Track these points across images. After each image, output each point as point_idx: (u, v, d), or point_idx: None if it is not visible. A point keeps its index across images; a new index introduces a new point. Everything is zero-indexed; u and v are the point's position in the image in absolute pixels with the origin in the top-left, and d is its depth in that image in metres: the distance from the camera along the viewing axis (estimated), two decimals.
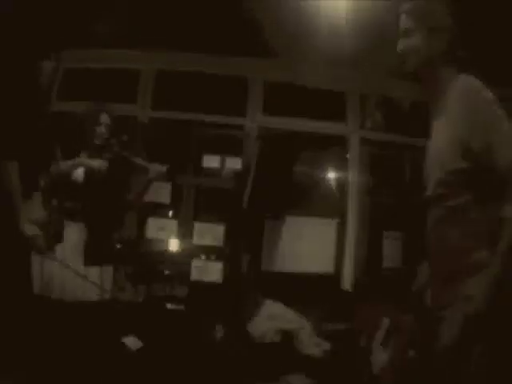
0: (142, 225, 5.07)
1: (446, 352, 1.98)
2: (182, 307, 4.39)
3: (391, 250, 5.17)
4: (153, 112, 5.82)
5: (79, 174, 3.87)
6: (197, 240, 5.00)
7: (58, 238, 3.71)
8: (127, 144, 4.20)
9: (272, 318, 4.32)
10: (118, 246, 4.42)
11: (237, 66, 5.78)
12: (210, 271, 4.76)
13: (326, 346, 4.40)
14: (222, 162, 5.47)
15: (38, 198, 3.63)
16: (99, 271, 3.87)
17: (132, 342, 3.73)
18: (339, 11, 4.32)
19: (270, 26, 4.88)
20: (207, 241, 4.96)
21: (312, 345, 4.35)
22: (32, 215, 3.50)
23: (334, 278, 5.21)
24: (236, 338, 4.12)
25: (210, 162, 5.50)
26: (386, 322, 3.59)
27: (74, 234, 3.86)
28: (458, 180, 2.03)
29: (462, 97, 2.05)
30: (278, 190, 5.08)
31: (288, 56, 5.40)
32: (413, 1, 2.24)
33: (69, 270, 3.65)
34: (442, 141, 2.11)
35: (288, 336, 4.29)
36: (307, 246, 5.25)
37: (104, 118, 4.09)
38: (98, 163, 3.91)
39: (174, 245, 5.01)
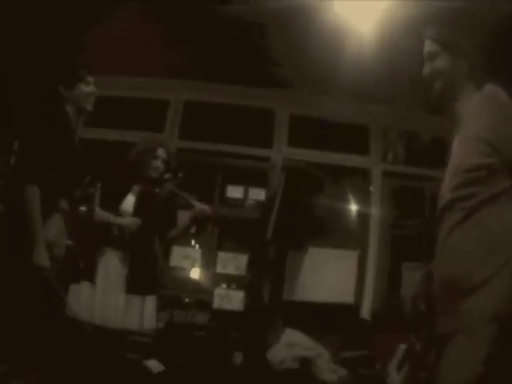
0: (166, 252, 5.08)
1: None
2: (202, 334, 4.43)
3: (410, 280, 5.17)
4: (180, 141, 5.94)
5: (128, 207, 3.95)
6: (220, 269, 5.09)
7: (89, 265, 3.76)
8: (182, 180, 4.24)
9: (291, 345, 4.33)
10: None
11: (263, 98, 5.91)
12: (232, 299, 4.82)
13: (343, 372, 4.40)
14: (246, 193, 5.58)
15: (58, 220, 3.66)
16: (141, 300, 3.89)
17: (154, 365, 3.77)
18: (363, 45, 4.38)
19: (295, 59, 4.99)
20: (230, 270, 5.04)
21: (329, 371, 4.35)
22: (51, 237, 3.52)
23: (354, 308, 5.24)
24: (255, 365, 4.14)
25: (234, 192, 5.62)
26: (402, 347, 3.60)
27: (115, 263, 3.88)
28: (480, 177, 2.04)
29: (489, 105, 2.11)
30: (302, 221, 5.11)
31: (313, 89, 5.51)
32: (437, 26, 2.32)
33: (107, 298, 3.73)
34: (464, 147, 2.14)
35: (306, 363, 4.31)
36: (328, 276, 5.28)
37: (161, 152, 4.11)
38: (131, 222, 3.91)
39: (196, 273, 5.07)
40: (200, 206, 4.09)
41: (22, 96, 4.82)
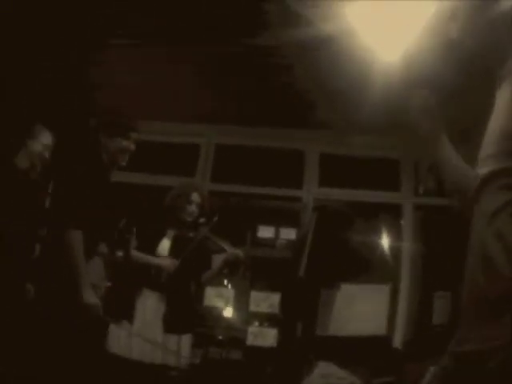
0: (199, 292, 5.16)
1: None
2: (237, 370, 4.45)
3: (441, 309, 5.12)
4: (211, 184, 6.02)
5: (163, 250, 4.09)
6: (253, 307, 5.14)
7: (126, 305, 3.87)
8: (216, 224, 4.32)
9: (324, 376, 4.32)
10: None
11: (293, 139, 5.97)
12: (265, 336, 4.85)
13: None
14: (277, 233, 5.65)
15: (98, 263, 3.66)
16: (178, 338, 4.00)
17: None
18: (391, 76, 4.41)
19: (322, 98, 5.06)
20: (263, 308, 5.08)
21: None
22: (93, 280, 3.59)
23: (386, 339, 5.19)
24: None
25: (266, 232, 5.69)
26: (430, 370, 3.54)
27: (152, 303, 4.00)
28: None
29: None
30: (334, 259, 5.12)
31: (341, 127, 5.52)
32: None
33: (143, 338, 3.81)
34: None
35: None
36: (361, 310, 5.23)
37: (195, 197, 4.24)
38: (169, 263, 4.04)
39: (230, 312, 5.15)
40: (232, 251, 4.25)
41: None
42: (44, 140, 3.76)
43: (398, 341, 5.26)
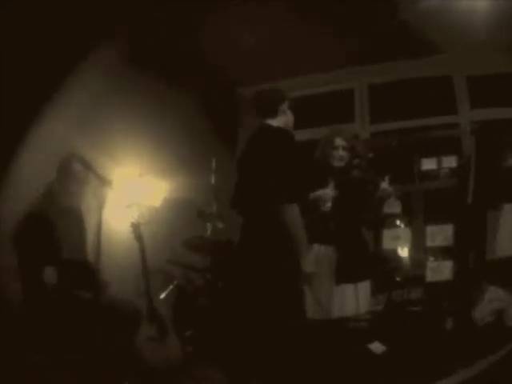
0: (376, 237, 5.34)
1: None
2: (418, 309, 4.63)
3: None
4: (371, 126, 6.22)
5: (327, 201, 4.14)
6: (429, 242, 5.18)
7: None
8: (372, 161, 4.48)
9: (491, 301, 4.39)
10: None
11: (439, 66, 5.95)
12: (443, 270, 4.91)
13: None
14: (439, 163, 5.66)
15: None
16: (354, 287, 4.10)
17: (376, 347, 3.96)
18: None
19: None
20: (438, 242, 5.13)
21: None
22: None
23: None
24: (462, 327, 4.29)
25: (428, 164, 5.73)
26: None
27: (322, 257, 4.11)
28: None
29: None
30: (497, 181, 5.08)
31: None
32: None
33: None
34: None
35: (499, 313, 4.35)
36: None
37: (339, 141, 4.23)
38: (324, 192, 4.12)
39: (408, 251, 5.21)
40: (384, 186, 4.29)
41: None
42: None
43: None
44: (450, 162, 5.62)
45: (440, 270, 4.93)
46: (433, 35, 5.23)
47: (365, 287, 4.20)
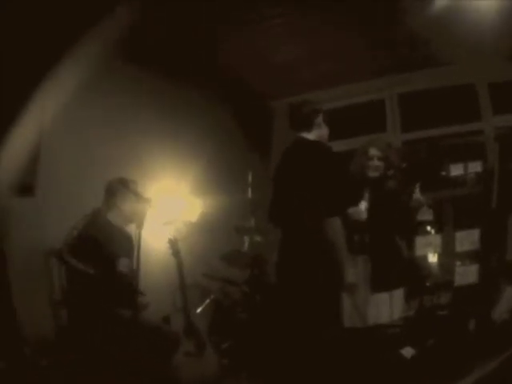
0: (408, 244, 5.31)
1: None
2: (447, 313, 4.75)
3: None
4: (402, 135, 6.37)
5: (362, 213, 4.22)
6: (458, 248, 5.21)
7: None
8: (406, 171, 4.51)
9: (508, 299, 4.49)
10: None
11: (460, 74, 6.08)
12: (468, 274, 4.97)
13: None
14: (466, 168, 5.81)
15: None
16: (389, 295, 4.21)
17: (407, 351, 4.15)
18: None
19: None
20: (466, 247, 5.19)
21: None
22: None
23: None
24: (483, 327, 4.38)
25: (456, 170, 5.90)
26: None
27: (360, 266, 4.23)
28: None
29: None
30: None
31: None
32: None
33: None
34: None
35: None
36: None
37: (373, 151, 4.30)
38: (357, 210, 4.18)
39: (439, 257, 5.30)
40: (416, 197, 4.36)
41: None
42: None
43: None
44: (476, 167, 5.77)
45: (467, 274, 5.00)
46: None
47: (399, 294, 4.30)
